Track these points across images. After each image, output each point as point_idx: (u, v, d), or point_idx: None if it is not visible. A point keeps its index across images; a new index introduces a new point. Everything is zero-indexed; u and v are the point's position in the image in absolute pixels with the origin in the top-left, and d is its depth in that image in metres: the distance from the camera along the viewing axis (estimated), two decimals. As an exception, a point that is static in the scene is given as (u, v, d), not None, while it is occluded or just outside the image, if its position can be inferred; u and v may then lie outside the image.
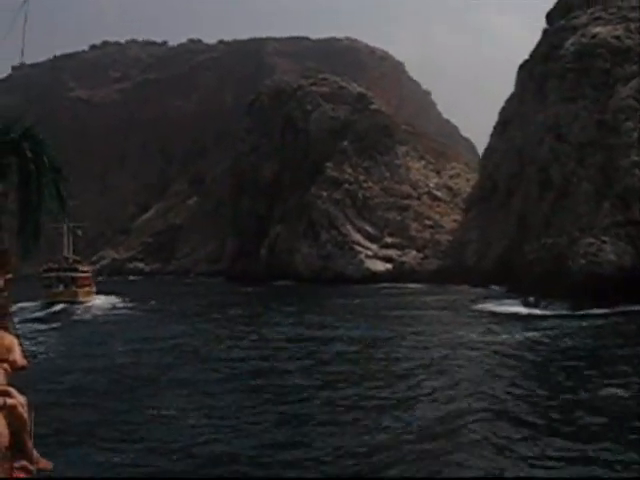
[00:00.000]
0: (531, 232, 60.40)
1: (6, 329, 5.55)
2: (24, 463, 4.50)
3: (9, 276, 9.23)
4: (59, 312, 55.61)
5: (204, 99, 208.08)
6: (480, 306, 50.53)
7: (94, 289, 72.41)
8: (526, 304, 47.86)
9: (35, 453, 4.70)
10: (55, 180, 9.14)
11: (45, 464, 4.81)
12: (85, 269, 74.72)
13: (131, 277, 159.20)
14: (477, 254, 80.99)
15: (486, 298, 57.49)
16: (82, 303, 63.85)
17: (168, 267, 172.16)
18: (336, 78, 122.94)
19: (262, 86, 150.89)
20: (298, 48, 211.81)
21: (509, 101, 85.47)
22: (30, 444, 4.58)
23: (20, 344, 5.50)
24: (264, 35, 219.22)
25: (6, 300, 7.57)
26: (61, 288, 64.73)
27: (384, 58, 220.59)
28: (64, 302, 61.25)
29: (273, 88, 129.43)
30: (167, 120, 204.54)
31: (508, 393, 20.31)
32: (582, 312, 41.74)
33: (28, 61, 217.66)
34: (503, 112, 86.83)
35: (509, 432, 15.89)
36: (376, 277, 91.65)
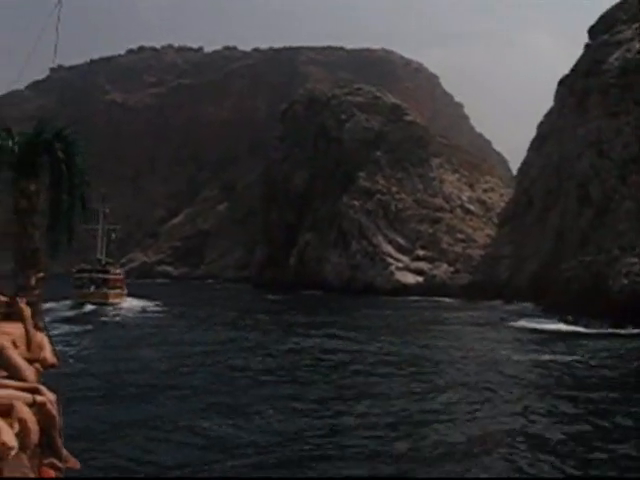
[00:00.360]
0: (568, 249, 59.12)
1: (37, 327, 5.68)
2: (53, 460, 4.47)
3: (40, 275, 9.89)
4: (89, 313, 55.25)
5: (237, 106, 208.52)
6: (517, 323, 49.29)
7: (125, 291, 72.49)
8: (565, 322, 46.59)
9: (64, 451, 4.65)
10: (81, 183, 9.84)
11: (73, 463, 4.76)
12: (117, 271, 75.24)
13: (159, 280, 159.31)
14: (510, 269, 79.69)
15: (521, 315, 56.29)
16: (112, 305, 64.20)
17: (196, 272, 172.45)
18: (371, 88, 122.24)
19: (296, 94, 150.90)
20: (332, 58, 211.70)
21: (547, 116, 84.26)
22: (59, 442, 4.55)
23: (50, 342, 5.59)
24: (298, 44, 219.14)
25: (37, 298, 8.07)
26: (92, 289, 65.24)
27: (418, 70, 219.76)
28: (95, 303, 61.71)
29: (307, 97, 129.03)
30: (199, 126, 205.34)
31: (548, 415, 19.35)
32: (624, 331, 40.54)
33: (66, 64, 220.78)
34: (541, 127, 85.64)
35: (542, 457, 14.97)
36: (406, 289, 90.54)
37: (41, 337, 5.47)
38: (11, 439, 2.78)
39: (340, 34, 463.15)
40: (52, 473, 4.34)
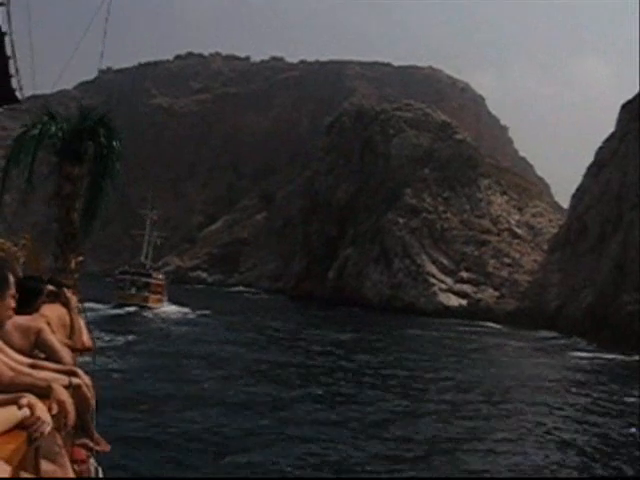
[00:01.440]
0: (630, 281, 55.70)
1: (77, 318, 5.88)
2: (85, 441, 4.77)
3: (80, 259, 11.00)
4: (129, 320, 53.21)
5: (280, 117, 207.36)
6: (577, 354, 46.09)
7: (165, 297, 71.83)
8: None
9: (96, 434, 4.95)
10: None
11: (104, 446, 5.04)
12: (160, 276, 75.08)
13: (193, 286, 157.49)
14: (560, 298, 76.14)
15: (577, 349, 53.06)
16: (151, 309, 63.87)
17: (230, 279, 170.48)
18: (420, 105, 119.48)
19: (340, 108, 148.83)
20: (379, 73, 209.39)
21: (607, 141, 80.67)
22: (92, 424, 4.81)
23: (87, 326, 6.00)
24: (345, 58, 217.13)
25: (76, 281, 8.74)
26: (133, 291, 66.00)
27: (465, 90, 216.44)
28: (134, 305, 62.09)
29: (355, 110, 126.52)
30: (241, 134, 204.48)
31: None
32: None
33: (115, 66, 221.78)
34: (599, 153, 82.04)
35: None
36: (448, 312, 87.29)
37: (79, 321, 5.80)
38: (46, 415, 2.76)
39: (387, 50, 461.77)
40: (83, 454, 4.63)
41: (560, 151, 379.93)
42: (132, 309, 59.74)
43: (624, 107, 75.83)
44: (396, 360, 38.16)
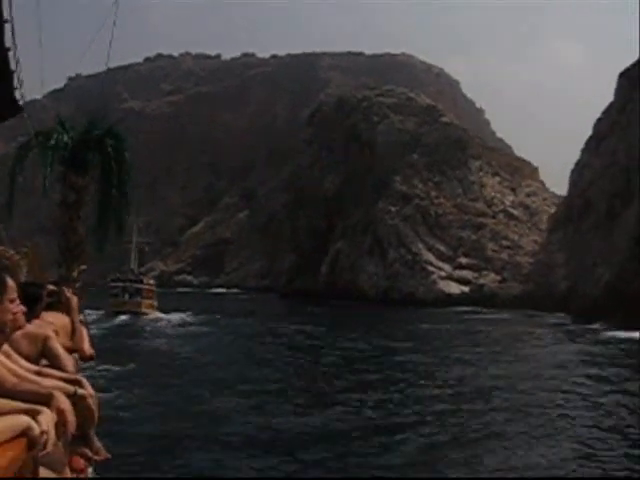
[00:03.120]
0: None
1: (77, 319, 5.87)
2: (85, 450, 4.67)
3: (83, 267, 11.65)
4: (125, 330, 48.67)
5: (255, 113, 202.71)
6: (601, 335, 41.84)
7: (156, 303, 69.69)
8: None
9: (97, 443, 4.90)
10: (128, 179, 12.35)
11: (104, 455, 4.99)
12: (150, 282, 73.67)
13: (179, 290, 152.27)
14: (568, 279, 71.97)
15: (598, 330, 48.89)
16: (144, 314, 63.30)
17: (216, 281, 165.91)
18: (403, 89, 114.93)
19: (316, 101, 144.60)
20: (352, 63, 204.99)
21: (606, 113, 76.49)
22: (93, 434, 4.76)
23: (88, 334, 5.99)
24: (318, 50, 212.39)
25: (80, 290, 9.53)
26: (126, 298, 65.44)
27: (440, 75, 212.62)
28: (127, 312, 61.58)
29: (335, 99, 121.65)
30: (217, 133, 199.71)
31: None
32: None
33: (83, 72, 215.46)
34: (598, 125, 77.82)
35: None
36: (450, 300, 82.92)
37: (81, 329, 5.74)
38: (52, 431, 2.76)
39: (358, 40, 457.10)
40: (82, 463, 4.50)
41: (535, 132, 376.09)
42: (126, 318, 58.21)
43: (622, 75, 71.77)
44: (409, 355, 34.20)
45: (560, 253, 76.53)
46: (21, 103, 9.57)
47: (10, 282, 3.22)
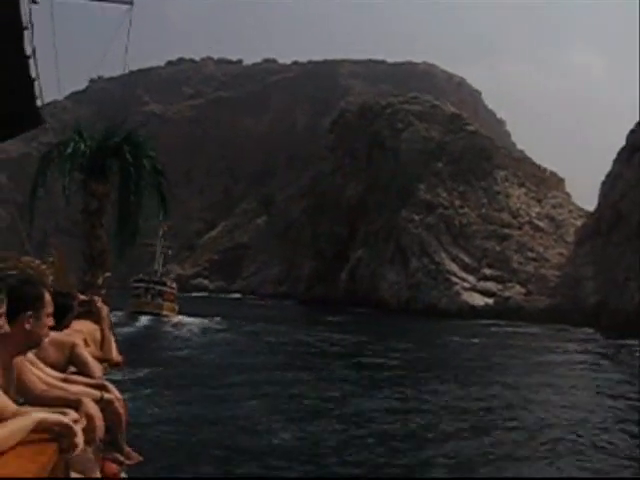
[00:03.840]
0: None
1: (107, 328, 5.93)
2: (116, 455, 4.66)
3: (107, 274, 11.61)
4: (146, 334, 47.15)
5: (275, 119, 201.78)
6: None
7: (177, 306, 69.80)
8: None
9: (127, 447, 4.84)
10: (158, 182, 12.21)
11: (137, 458, 4.94)
12: (173, 285, 74.29)
13: (195, 294, 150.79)
14: (598, 294, 69.75)
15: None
16: (166, 317, 62.96)
17: (233, 286, 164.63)
18: (428, 97, 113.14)
19: (337, 108, 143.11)
20: (373, 71, 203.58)
21: (640, 124, 74.46)
22: (122, 438, 4.71)
23: (116, 341, 5.99)
24: (339, 57, 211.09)
25: (104, 297, 8.91)
26: (148, 299, 65.78)
27: (461, 85, 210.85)
28: (148, 313, 61.40)
29: (358, 106, 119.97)
30: (237, 138, 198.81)
31: None
32: None
33: (105, 75, 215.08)
34: (632, 135, 75.67)
35: None
36: (474, 312, 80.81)
37: (109, 337, 5.78)
38: (79, 431, 2.78)
39: (380, 48, 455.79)
40: (114, 467, 4.51)
41: (557, 144, 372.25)
42: (147, 320, 57.54)
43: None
44: (439, 372, 31.82)
45: (589, 266, 74.32)
46: (42, 113, 9.64)
47: (47, 297, 3.24)
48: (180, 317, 64.27)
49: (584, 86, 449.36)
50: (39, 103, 9.37)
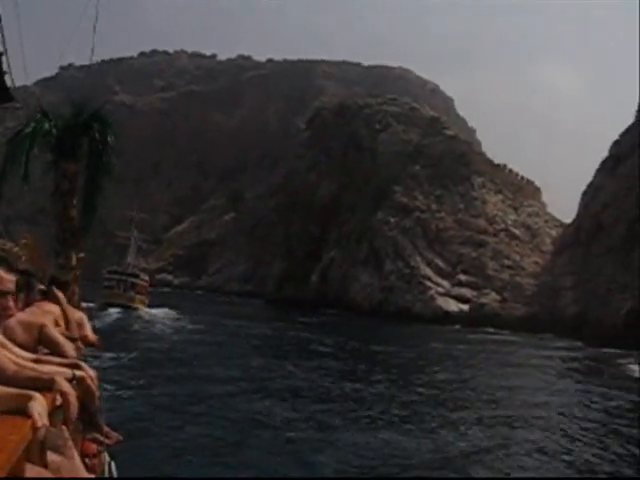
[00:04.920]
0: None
1: (76, 306, 6.22)
2: (95, 435, 4.57)
3: (81, 255, 11.67)
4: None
5: (247, 116, 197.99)
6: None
7: (147, 300, 69.78)
8: None
9: (105, 427, 4.75)
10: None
11: (116, 438, 4.79)
12: (145, 278, 74.01)
13: (159, 289, 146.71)
14: (577, 304, 68.06)
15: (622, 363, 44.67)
16: (136, 309, 62.70)
17: (197, 282, 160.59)
18: (407, 99, 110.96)
19: (317, 104, 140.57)
20: (348, 73, 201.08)
21: (625, 135, 72.98)
22: (100, 417, 4.63)
23: (90, 321, 5.99)
24: (314, 57, 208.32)
25: (77, 277, 9.63)
26: (121, 291, 65.31)
27: (435, 92, 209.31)
28: (120, 305, 60.80)
29: (336, 104, 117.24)
30: (207, 133, 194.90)
31: None
32: None
33: (77, 63, 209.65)
34: (616, 146, 74.24)
35: None
36: (448, 318, 78.69)
37: (80, 316, 5.78)
38: (45, 416, 2.72)
39: (357, 51, 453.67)
40: (94, 448, 4.42)
41: (526, 158, 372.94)
42: (118, 311, 56.44)
43: (645, 97, 68.45)
44: (420, 376, 30.26)
45: (567, 276, 72.72)
46: (11, 91, 9.30)
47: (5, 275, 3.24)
48: (149, 310, 63.76)
49: (555, 102, 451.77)
50: (9, 82, 8.79)
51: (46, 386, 3.04)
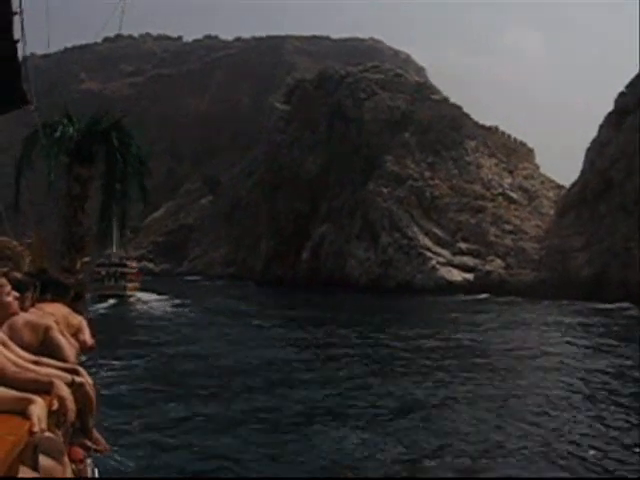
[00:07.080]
0: None
1: (76, 310, 5.71)
2: (84, 441, 4.49)
3: (86, 259, 11.84)
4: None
5: (218, 97, 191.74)
6: None
7: (139, 284, 71.43)
8: None
9: (96, 433, 4.67)
10: (139, 171, 11.86)
11: (104, 445, 4.76)
12: (134, 265, 75.85)
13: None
14: (592, 265, 63.86)
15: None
16: (129, 297, 63.84)
17: (179, 268, 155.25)
18: (390, 65, 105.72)
19: (289, 80, 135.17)
20: (319, 47, 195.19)
21: (630, 86, 68.52)
22: (92, 424, 4.56)
23: (90, 326, 5.66)
24: (283, 33, 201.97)
25: (81, 281, 9.67)
26: (112, 282, 65.61)
27: (407, 61, 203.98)
28: (113, 295, 60.93)
29: (316, 75, 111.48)
30: (178, 117, 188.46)
31: None
32: None
33: (38, 52, 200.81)
34: (621, 99, 69.72)
35: None
36: (451, 287, 74.17)
37: (80, 320, 5.48)
38: (44, 420, 2.69)
39: (325, 25, 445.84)
40: (81, 453, 4.26)
41: (497, 119, 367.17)
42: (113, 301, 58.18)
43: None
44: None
45: (576, 237, 68.44)
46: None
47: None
48: (146, 295, 65.64)
49: (522, 69, 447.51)
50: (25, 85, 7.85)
51: (45, 389, 2.98)
